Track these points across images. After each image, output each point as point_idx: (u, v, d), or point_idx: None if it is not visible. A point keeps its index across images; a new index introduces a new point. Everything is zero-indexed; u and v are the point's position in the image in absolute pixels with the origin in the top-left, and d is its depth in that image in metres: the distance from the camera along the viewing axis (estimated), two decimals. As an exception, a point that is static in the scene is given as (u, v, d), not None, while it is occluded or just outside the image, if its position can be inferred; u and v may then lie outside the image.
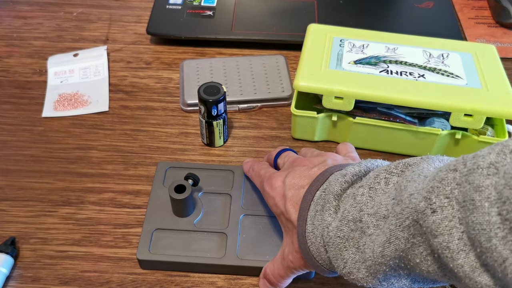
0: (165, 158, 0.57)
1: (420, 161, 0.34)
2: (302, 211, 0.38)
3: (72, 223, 0.51)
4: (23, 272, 0.47)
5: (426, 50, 0.59)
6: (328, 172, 0.39)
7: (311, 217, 0.38)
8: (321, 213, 0.37)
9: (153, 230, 0.48)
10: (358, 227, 0.34)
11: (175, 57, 0.70)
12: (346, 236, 0.35)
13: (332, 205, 0.36)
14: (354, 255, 0.35)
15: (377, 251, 0.33)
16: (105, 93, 0.64)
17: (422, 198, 0.30)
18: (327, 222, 0.36)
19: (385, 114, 0.55)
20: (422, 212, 0.29)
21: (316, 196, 0.38)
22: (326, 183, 0.38)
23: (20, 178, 0.55)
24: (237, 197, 0.51)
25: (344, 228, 0.35)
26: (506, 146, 0.27)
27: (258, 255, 0.47)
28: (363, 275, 0.34)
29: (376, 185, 0.35)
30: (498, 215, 0.25)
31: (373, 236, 0.33)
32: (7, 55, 0.69)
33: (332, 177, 0.38)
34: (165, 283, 0.47)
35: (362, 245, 0.34)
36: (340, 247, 0.35)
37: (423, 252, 0.30)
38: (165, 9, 0.74)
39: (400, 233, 0.31)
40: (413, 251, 0.31)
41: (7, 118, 0.61)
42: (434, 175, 0.30)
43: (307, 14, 0.75)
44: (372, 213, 0.34)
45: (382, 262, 0.33)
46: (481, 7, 0.80)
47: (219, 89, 0.54)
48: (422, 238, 0.30)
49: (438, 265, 0.30)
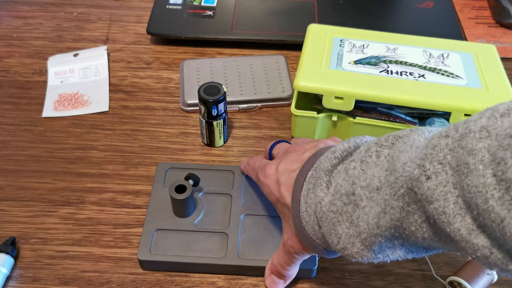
0: (165, 158, 0.57)
1: (409, 133, 0.34)
2: (295, 193, 0.39)
3: (72, 223, 0.51)
4: (23, 272, 0.47)
5: (426, 50, 0.59)
6: (319, 153, 0.39)
7: (304, 196, 0.38)
8: (313, 191, 0.37)
9: (153, 231, 0.48)
10: (351, 200, 0.34)
11: (175, 57, 0.70)
12: (339, 210, 0.35)
13: (323, 181, 0.37)
14: (348, 230, 0.35)
15: (372, 222, 0.33)
16: (105, 93, 0.64)
17: (416, 166, 0.30)
18: (319, 198, 0.36)
19: (385, 114, 0.55)
20: (416, 180, 0.29)
21: (308, 176, 0.38)
22: (317, 163, 0.38)
23: (20, 178, 0.55)
24: (237, 197, 0.51)
25: (337, 202, 0.35)
26: (496, 110, 0.28)
27: (260, 254, 0.47)
28: (358, 249, 0.34)
29: (368, 158, 0.35)
30: (493, 176, 0.26)
31: (367, 208, 0.33)
32: (7, 55, 0.69)
33: (323, 156, 0.38)
34: (165, 283, 0.47)
35: (355, 218, 0.34)
36: (334, 222, 0.35)
37: (418, 220, 0.30)
38: (165, 9, 0.74)
39: (395, 202, 0.31)
40: (408, 219, 0.31)
41: (7, 118, 0.61)
42: (426, 143, 0.30)
43: (307, 14, 0.75)
44: (364, 185, 0.34)
45: (378, 233, 0.33)
46: (481, 7, 0.80)
47: (219, 89, 0.54)
48: (416, 205, 0.30)
49: (433, 231, 0.30)
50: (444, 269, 0.48)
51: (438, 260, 0.48)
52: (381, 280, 0.47)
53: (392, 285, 0.47)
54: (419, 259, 0.48)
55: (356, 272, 0.48)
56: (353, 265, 0.48)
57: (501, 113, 0.27)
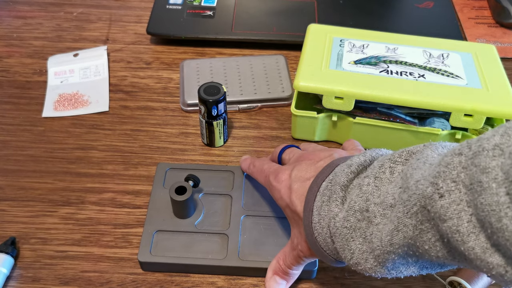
0: (165, 158, 0.57)
1: (423, 148, 0.34)
2: (308, 202, 0.38)
3: (72, 223, 0.51)
4: (23, 272, 0.47)
5: (426, 50, 0.59)
6: (333, 164, 0.39)
7: (317, 207, 0.38)
8: (327, 204, 0.37)
9: (154, 232, 0.48)
10: (365, 217, 0.34)
11: (175, 57, 0.70)
12: (353, 226, 0.35)
13: (338, 196, 0.37)
14: (361, 246, 0.35)
15: (385, 240, 0.33)
16: (105, 93, 0.64)
17: (429, 184, 0.30)
18: (333, 213, 0.36)
19: (385, 114, 0.55)
20: (429, 198, 0.29)
21: (322, 187, 0.38)
22: (332, 174, 0.38)
23: (20, 178, 0.55)
24: (237, 198, 0.51)
25: (351, 219, 0.35)
26: (509, 127, 0.28)
27: (260, 255, 0.47)
28: (371, 265, 0.34)
29: (381, 174, 0.35)
30: (506, 194, 0.26)
31: (380, 225, 0.33)
32: (7, 55, 0.69)
33: (338, 168, 0.38)
34: (165, 283, 0.47)
35: (369, 235, 0.34)
36: (347, 238, 0.35)
37: (432, 238, 0.30)
38: (165, 9, 0.74)
39: (408, 220, 0.31)
40: (422, 237, 0.31)
41: (7, 118, 0.61)
42: (439, 161, 0.30)
43: (307, 14, 0.75)
44: (378, 202, 0.34)
45: (391, 250, 0.33)
46: (481, 7, 0.80)
47: (219, 89, 0.54)
48: (430, 224, 0.30)
49: (447, 250, 0.30)
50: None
51: (438, 260, 0.48)
52: (381, 280, 0.47)
53: (391, 285, 0.47)
54: (419, 259, 0.48)
55: (356, 272, 0.48)
56: (353, 265, 0.48)
57: None
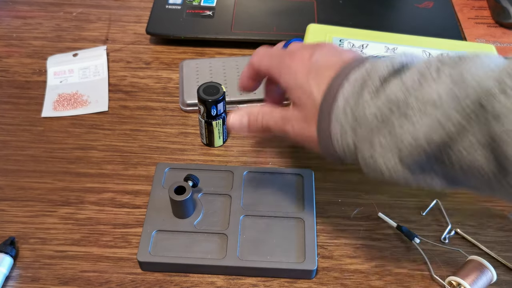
0: (165, 158, 0.57)
1: (476, 55, 0.32)
2: (331, 87, 0.35)
3: (72, 223, 0.51)
4: (23, 272, 0.47)
5: (425, 50, 0.59)
6: (363, 59, 0.36)
7: (346, 92, 0.34)
8: (359, 92, 0.34)
9: (153, 232, 0.48)
10: (402, 110, 0.32)
11: (175, 57, 0.70)
12: (384, 117, 0.32)
13: (375, 86, 0.33)
14: (386, 140, 0.32)
15: (420, 136, 0.30)
16: (105, 93, 0.64)
17: (493, 80, 0.28)
18: (364, 99, 0.33)
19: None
20: (489, 92, 0.27)
21: (352, 77, 0.35)
22: (367, 64, 0.35)
23: (19, 178, 0.55)
24: (237, 197, 0.51)
25: (384, 108, 0.32)
26: None
27: (260, 255, 0.47)
28: (392, 165, 0.32)
29: (427, 71, 0.32)
30: None
31: (416, 121, 0.31)
32: (6, 55, 0.69)
33: (376, 62, 0.35)
34: (164, 283, 0.47)
35: (399, 129, 0.32)
36: (373, 129, 0.33)
37: (475, 141, 0.28)
38: (164, 9, 0.74)
39: (456, 115, 0.29)
40: (463, 138, 0.29)
41: (7, 118, 0.61)
42: (505, 64, 0.28)
43: (307, 14, 0.75)
44: (420, 97, 0.31)
45: (423, 149, 0.30)
46: (480, 7, 0.80)
47: (219, 89, 0.54)
48: (480, 124, 0.28)
49: (490, 157, 0.28)
50: (443, 269, 0.48)
51: (437, 260, 0.48)
52: (380, 280, 0.47)
53: (391, 285, 0.47)
54: (419, 259, 0.48)
55: (356, 272, 0.48)
56: (353, 265, 0.48)
57: None
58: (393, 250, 0.49)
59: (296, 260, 0.47)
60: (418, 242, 0.48)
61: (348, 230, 0.51)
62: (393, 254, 0.49)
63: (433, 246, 0.49)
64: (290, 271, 0.46)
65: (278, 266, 0.46)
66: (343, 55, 0.38)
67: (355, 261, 0.48)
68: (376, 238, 0.50)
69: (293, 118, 0.39)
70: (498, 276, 0.46)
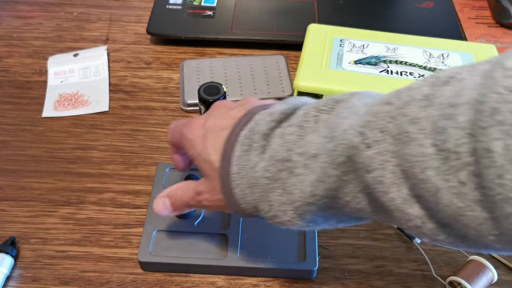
0: (165, 158, 0.57)
1: (349, 97, 0.33)
2: (226, 152, 0.36)
3: (72, 223, 0.51)
4: (23, 272, 0.47)
5: (426, 50, 0.59)
6: (252, 111, 0.37)
7: (236, 157, 0.36)
8: (247, 153, 0.35)
9: (154, 232, 0.48)
10: (286, 167, 0.33)
11: (175, 57, 0.70)
12: (273, 176, 0.34)
13: (259, 145, 0.35)
14: (280, 197, 0.33)
15: (306, 190, 0.32)
16: (105, 93, 0.64)
17: (357, 133, 0.29)
18: (253, 163, 0.35)
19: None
20: (356, 148, 0.29)
21: (241, 136, 0.36)
22: (252, 122, 0.36)
23: (20, 178, 0.55)
24: (237, 197, 0.51)
25: (271, 169, 0.34)
26: (438, 78, 0.27)
27: (260, 255, 0.47)
28: (290, 217, 0.34)
29: (305, 123, 0.34)
30: (432, 146, 0.25)
31: (302, 176, 0.32)
32: (7, 55, 0.69)
33: (259, 116, 0.36)
34: (165, 283, 0.47)
35: (289, 185, 0.33)
36: (266, 189, 0.34)
37: (354, 190, 0.30)
38: (165, 9, 0.74)
39: (332, 171, 0.30)
40: (344, 189, 0.30)
41: (7, 118, 0.61)
42: (367, 110, 0.30)
43: (307, 14, 0.75)
44: (301, 152, 0.33)
45: (312, 202, 0.32)
46: (481, 7, 0.80)
47: (219, 89, 0.54)
48: (354, 175, 0.30)
49: (368, 201, 0.30)
50: (444, 269, 0.48)
51: (438, 260, 0.48)
52: (381, 280, 0.47)
53: (392, 285, 0.47)
54: (419, 259, 0.48)
55: (356, 272, 0.48)
56: (353, 265, 0.48)
57: (442, 81, 0.27)
58: (394, 250, 0.49)
59: (297, 260, 0.47)
60: (419, 242, 0.48)
61: (349, 230, 0.51)
62: (394, 254, 0.49)
63: (433, 246, 0.49)
64: (290, 271, 0.46)
65: (279, 266, 0.46)
66: (233, 111, 0.38)
67: (356, 261, 0.48)
68: (376, 238, 0.50)
69: (204, 190, 0.39)
70: (498, 276, 0.46)
